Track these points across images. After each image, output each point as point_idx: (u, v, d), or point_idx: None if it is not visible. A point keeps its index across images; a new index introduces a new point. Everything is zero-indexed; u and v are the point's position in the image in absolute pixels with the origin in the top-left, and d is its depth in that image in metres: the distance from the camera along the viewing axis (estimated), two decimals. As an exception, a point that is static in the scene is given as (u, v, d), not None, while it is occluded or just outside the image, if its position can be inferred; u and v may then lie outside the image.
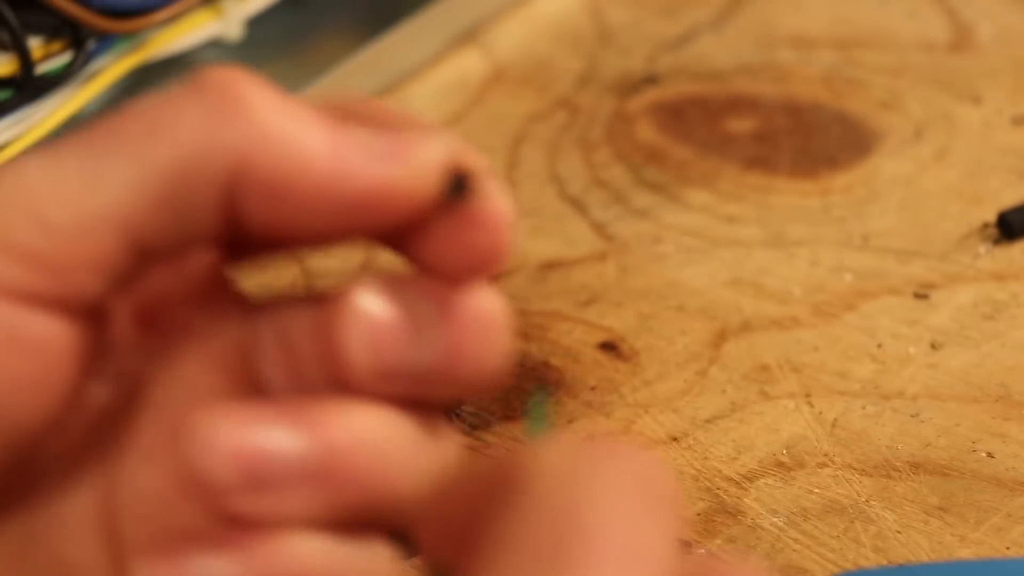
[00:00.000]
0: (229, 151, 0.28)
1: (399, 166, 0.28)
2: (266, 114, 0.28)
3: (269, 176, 0.28)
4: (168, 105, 0.28)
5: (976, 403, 0.45)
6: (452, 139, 0.29)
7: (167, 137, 0.28)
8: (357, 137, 0.28)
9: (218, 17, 0.56)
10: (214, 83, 0.28)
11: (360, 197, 0.28)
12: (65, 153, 0.28)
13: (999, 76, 0.58)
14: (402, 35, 0.60)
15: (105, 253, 0.28)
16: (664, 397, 0.45)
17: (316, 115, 0.28)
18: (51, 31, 0.52)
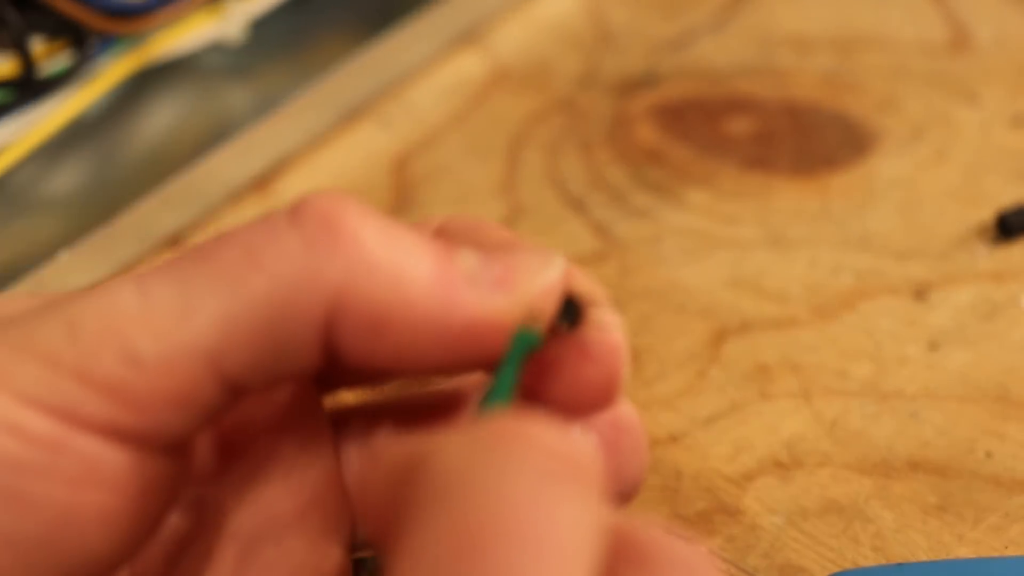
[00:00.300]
0: (330, 285, 0.27)
1: (507, 295, 0.27)
2: (369, 244, 0.27)
3: (371, 309, 0.27)
4: (267, 233, 0.27)
5: (974, 403, 0.45)
6: (563, 262, 0.28)
7: (265, 269, 0.27)
8: (463, 263, 0.27)
9: (220, 18, 0.56)
10: (315, 211, 0.27)
11: (466, 329, 0.27)
12: (159, 280, 0.27)
13: (998, 77, 0.58)
14: (402, 35, 0.60)
15: (194, 388, 0.27)
16: (663, 397, 0.46)
17: (421, 241, 0.27)
18: (52, 32, 0.52)
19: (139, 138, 0.55)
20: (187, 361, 0.26)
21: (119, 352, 0.26)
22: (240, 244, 0.27)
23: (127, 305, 0.26)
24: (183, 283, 0.27)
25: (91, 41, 0.52)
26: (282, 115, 0.56)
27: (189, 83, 0.56)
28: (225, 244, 0.27)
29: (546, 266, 0.28)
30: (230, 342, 0.26)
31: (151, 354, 0.26)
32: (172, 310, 0.26)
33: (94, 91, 0.53)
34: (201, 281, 0.26)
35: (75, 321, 0.26)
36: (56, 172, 0.52)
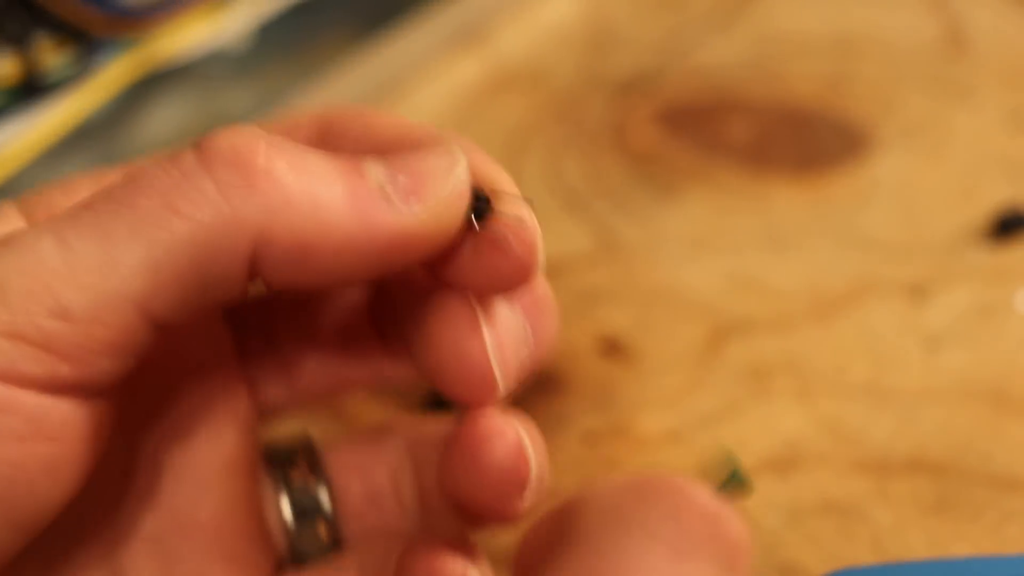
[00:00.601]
0: (250, 225, 0.27)
1: (421, 204, 0.28)
2: (282, 179, 0.27)
3: (293, 242, 0.27)
4: (180, 178, 0.27)
5: (972, 402, 0.45)
6: (464, 159, 0.29)
7: (184, 215, 0.27)
8: (373, 179, 0.28)
9: (222, 21, 0.56)
10: (225, 151, 0.27)
11: (386, 244, 0.28)
12: (79, 232, 0.27)
13: (994, 78, 0.58)
14: (402, 36, 0.60)
15: (126, 334, 0.27)
16: (663, 396, 0.46)
17: (331, 164, 0.28)
18: (56, 35, 0.52)
19: (141, 139, 0.55)
20: (116, 309, 0.27)
21: (49, 308, 0.27)
22: (156, 191, 0.27)
23: (51, 260, 0.27)
24: (104, 234, 0.27)
25: (94, 44, 0.52)
26: (283, 115, 0.56)
27: (191, 85, 0.56)
28: (140, 192, 0.27)
29: (452, 167, 0.29)
30: (156, 287, 0.27)
31: (80, 306, 0.27)
32: (96, 262, 0.27)
33: (97, 94, 0.53)
34: (122, 232, 0.27)
35: (1, 281, 0.27)
36: (59, 172, 0.53)
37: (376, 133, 0.31)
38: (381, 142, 0.30)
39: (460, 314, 0.30)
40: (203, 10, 0.56)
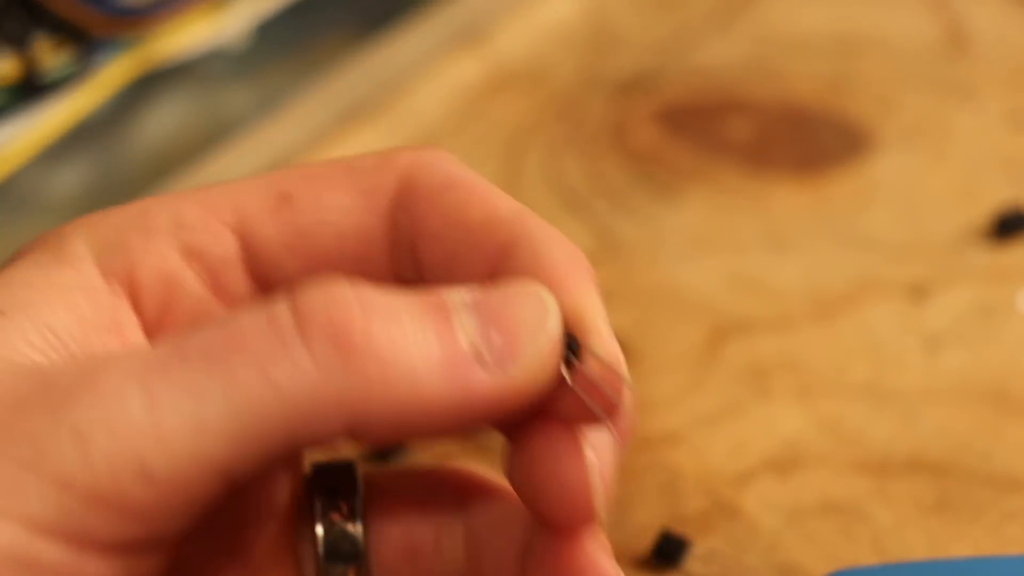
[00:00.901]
0: (344, 403, 0.27)
1: (515, 366, 0.28)
2: (378, 356, 0.27)
3: (387, 415, 0.27)
4: (277, 344, 0.27)
5: (973, 402, 0.45)
6: (556, 306, 0.29)
7: (279, 387, 0.26)
8: (465, 337, 0.28)
9: (221, 21, 0.56)
10: (322, 325, 0.27)
11: (482, 407, 0.28)
12: (170, 389, 0.26)
13: (995, 78, 0.58)
14: (402, 36, 0.60)
15: (203, 495, 0.27)
16: (662, 396, 0.46)
17: (422, 320, 0.28)
18: (55, 34, 0.52)
19: (141, 139, 0.55)
20: (199, 474, 0.26)
21: (133, 471, 0.26)
22: (253, 356, 0.27)
23: (138, 418, 0.26)
24: (195, 395, 0.26)
25: (94, 43, 0.52)
26: (283, 116, 0.56)
27: (190, 84, 0.56)
28: (236, 352, 0.27)
29: (544, 320, 0.28)
30: (243, 453, 0.27)
31: (163, 470, 0.26)
32: (184, 425, 0.26)
33: (96, 93, 0.53)
34: (215, 395, 0.26)
35: (84, 435, 0.26)
36: (59, 173, 0.53)
37: (465, 219, 0.31)
38: (468, 231, 0.30)
39: (561, 437, 0.29)
40: (203, 10, 0.56)
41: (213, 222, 0.32)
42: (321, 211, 0.32)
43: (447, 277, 0.31)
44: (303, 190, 0.32)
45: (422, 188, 0.31)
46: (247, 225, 0.32)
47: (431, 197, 0.31)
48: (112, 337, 0.30)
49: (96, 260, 0.31)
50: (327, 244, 0.32)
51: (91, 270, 0.31)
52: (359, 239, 0.32)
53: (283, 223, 0.32)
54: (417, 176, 0.32)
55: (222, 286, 0.32)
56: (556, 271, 0.30)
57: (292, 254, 0.32)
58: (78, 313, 0.30)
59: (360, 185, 0.32)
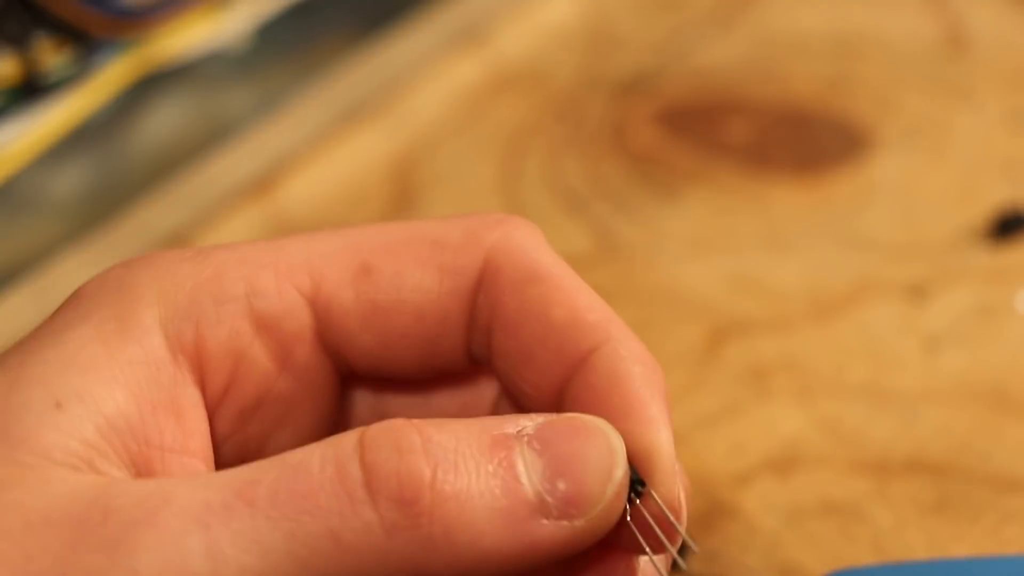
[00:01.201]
0: (409, 563, 0.27)
1: (581, 520, 0.28)
2: (444, 519, 0.27)
3: (454, 571, 0.27)
4: (348, 505, 0.26)
5: (972, 403, 0.45)
6: (621, 446, 0.28)
7: (347, 549, 0.26)
8: (531, 488, 0.27)
9: (222, 22, 0.56)
10: (391, 486, 0.27)
11: (545, 556, 0.28)
12: (232, 539, 0.26)
13: (994, 78, 0.59)
14: (402, 36, 0.60)
15: None
16: (663, 397, 0.46)
17: (487, 471, 0.27)
18: (55, 35, 0.52)
19: (141, 139, 0.55)
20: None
21: None
22: (320, 511, 0.26)
23: (198, 566, 0.26)
24: (259, 546, 0.26)
25: (94, 44, 0.52)
26: (283, 116, 0.56)
27: (190, 85, 0.56)
28: (303, 506, 0.26)
29: (612, 468, 0.28)
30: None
31: None
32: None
33: (97, 94, 0.53)
34: (279, 550, 0.26)
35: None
36: (59, 173, 0.53)
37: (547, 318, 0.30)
38: (549, 331, 0.30)
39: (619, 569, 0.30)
40: (203, 10, 0.56)
41: (289, 290, 0.31)
42: (402, 289, 0.31)
43: (518, 370, 0.31)
44: (385, 263, 0.31)
45: (506, 275, 0.31)
46: (324, 296, 0.31)
47: (515, 287, 0.31)
48: (171, 420, 0.30)
49: (164, 331, 0.30)
50: (405, 322, 0.31)
51: (157, 342, 0.30)
52: (437, 319, 0.31)
53: (362, 297, 0.31)
54: (503, 261, 0.31)
55: (292, 359, 0.32)
56: (634, 396, 0.30)
57: (367, 329, 0.31)
58: (137, 394, 0.29)
59: (443, 264, 0.31)
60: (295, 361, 0.32)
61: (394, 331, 0.31)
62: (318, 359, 0.32)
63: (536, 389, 0.31)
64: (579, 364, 0.30)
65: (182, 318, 0.30)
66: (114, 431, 0.28)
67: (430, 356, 0.32)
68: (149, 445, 0.29)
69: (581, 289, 0.31)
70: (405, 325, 0.31)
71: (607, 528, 0.28)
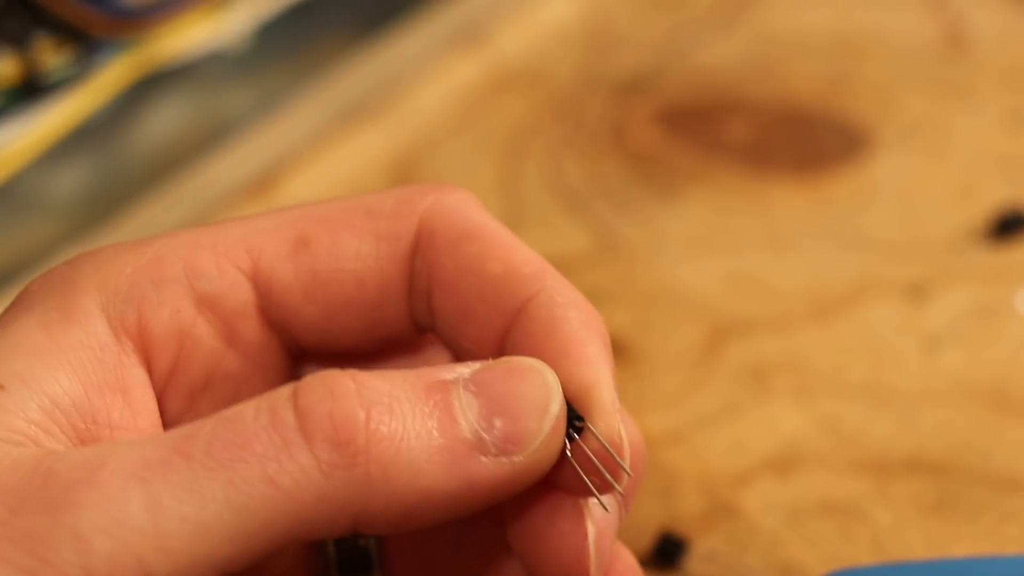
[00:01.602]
0: (348, 504, 0.27)
1: (519, 455, 0.28)
2: (381, 457, 0.27)
3: (391, 512, 0.27)
4: (282, 449, 0.27)
5: (972, 402, 0.45)
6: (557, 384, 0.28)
7: (282, 489, 0.26)
8: (468, 427, 0.27)
9: (222, 22, 0.56)
10: (324, 427, 0.27)
11: (486, 494, 0.28)
12: (171, 490, 0.26)
13: (994, 78, 0.59)
14: (402, 36, 0.60)
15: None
16: (663, 396, 0.46)
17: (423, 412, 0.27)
18: (55, 35, 0.52)
19: (141, 139, 0.55)
20: (198, 572, 0.26)
21: (132, 574, 0.26)
22: (256, 457, 0.26)
23: (138, 520, 0.26)
24: (197, 497, 0.26)
25: (94, 44, 0.52)
26: (283, 115, 0.56)
27: (190, 85, 0.56)
28: (239, 453, 0.26)
29: (548, 403, 0.28)
30: (243, 552, 0.26)
31: (164, 573, 0.26)
32: (185, 527, 0.26)
33: (97, 94, 0.53)
34: (216, 497, 0.26)
35: (84, 538, 0.26)
36: (59, 173, 0.53)
37: (484, 274, 0.30)
38: (485, 286, 0.30)
39: (563, 507, 0.30)
40: (203, 10, 0.56)
41: (228, 268, 0.31)
42: (340, 258, 0.31)
43: (460, 328, 0.31)
44: (321, 234, 0.32)
45: (440, 236, 0.31)
46: (263, 271, 0.31)
47: (449, 246, 0.31)
48: (118, 398, 0.30)
49: (106, 316, 0.30)
50: (345, 291, 0.32)
51: (100, 327, 0.30)
52: (377, 286, 0.32)
53: (301, 269, 0.31)
54: (436, 223, 0.31)
55: (237, 335, 0.32)
56: (570, 339, 0.29)
57: (309, 300, 0.32)
58: (82, 376, 0.29)
59: (379, 230, 0.31)
60: (241, 338, 0.32)
61: (336, 301, 0.32)
62: (265, 335, 0.32)
63: (477, 345, 0.31)
64: (516, 314, 0.30)
65: (123, 302, 0.30)
66: (59, 409, 0.29)
67: (375, 325, 0.32)
68: (97, 423, 0.29)
69: (515, 244, 0.31)
70: (346, 294, 0.32)
71: (547, 465, 0.28)
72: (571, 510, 0.29)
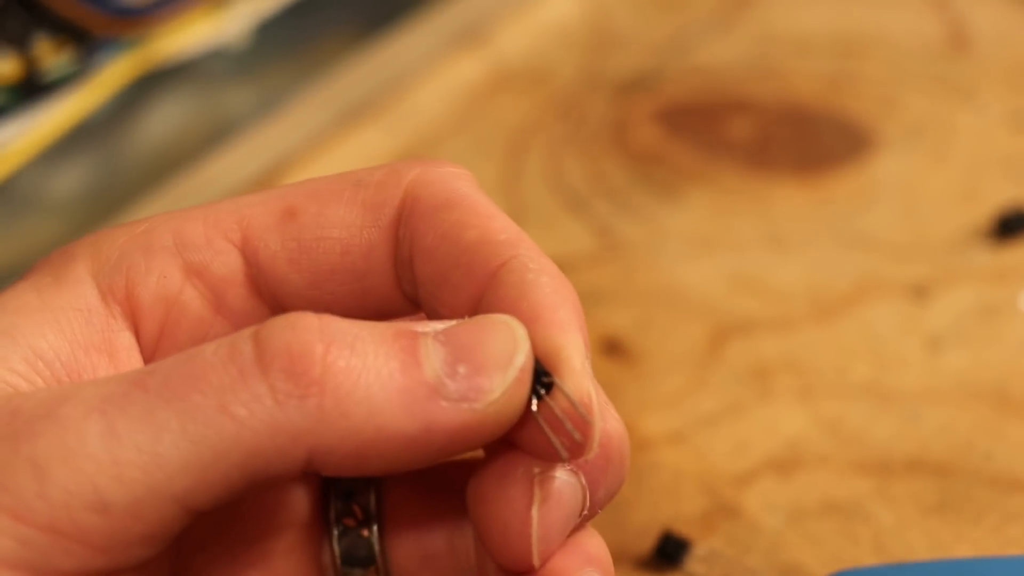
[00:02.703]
0: (302, 436, 0.27)
1: (479, 401, 0.28)
2: (337, 390, 0.27)
3: (347, 449, 0.27)
4: (236, 377, 0.27)
5: (974, 403, 0.45)
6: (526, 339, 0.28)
7: (237, 419, 0.27)
8: (431, 368, 0.27)
9: (222, 21, 0.56)
10: (281, 357, 0.27)
11: (444, 440, 0.27)
12: (128, 421, 0.27)
13: (996, 77, 0.58)
14: (402, 35, 0.60)
15: (162, 527, 0.27)
16: (664, 397, 0.46)
17: (386, 353, 0.27)
18: (55, 34, 0.52)
19: (141, 139, 0.55)
20: (157, 506, 0.27)
21: (88, 502, 0.26)
22: (212, 388, 0.27)
23: (95, 449, 0.26)
24: (153, 426, 0.26)
25: (94, 43, 0.52)
26: (283, 115, 0.56)
27: (191, 84, 0.56)
28: (196, 384, 0.27)
29: (514, 354, 0.28)
30: (201, 485, 0.27)
31: (120, 502, 0.26)
32: (141, 457, 0.26)
33: (97, 93, 0.53)
34: (172, 427, 0.26)
35: (42, 467, 0.26)
36: (59, 172, 0.53)
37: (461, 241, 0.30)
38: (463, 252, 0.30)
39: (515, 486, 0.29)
40: (203, 9, 0.56)
41: (217, 239, 0.32)
42: (325, 226, 0.32)
43: (437, 295, 0.31)
44: (308, 205, 0.32)
45: (422, 204, 0.31)
46: (251, 241, 0.32)
47: (430, 214, 0.31)
48: (103, 358, 0.30)
49: (96, 281, 0.31)
50: (332, 259, 0.32)
51: (90, 291, 0.31)
52: (363, 254, 0.32)
53: (288, 238, 0.32)
54: (420, 192, 0.31)
55: (225, 304, 0.32)
56: (541, 303, 0.29)
57: (297, 269, 0.32)
58: (69, 335, 0.30)
59: (365, 200, 0.32)
60: (229, 306, 0.32)
61: (321, 268, 0.32)
62: (253, 304, 0.32)
63: (452, 310, 0.31)
64: (490, 282, 0.30)
65: (112, 269, 0.31)
66: (43, 362, 0.29)
67: (362, 294, 0.32)
68: (82, 379, 0.30)
69: (495, 215, 0.31)
70: (332, 262, 0.32)
71: (509, 417, 0.28)
72: (522, 475, 0.29)
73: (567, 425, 0.28)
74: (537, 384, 0.28)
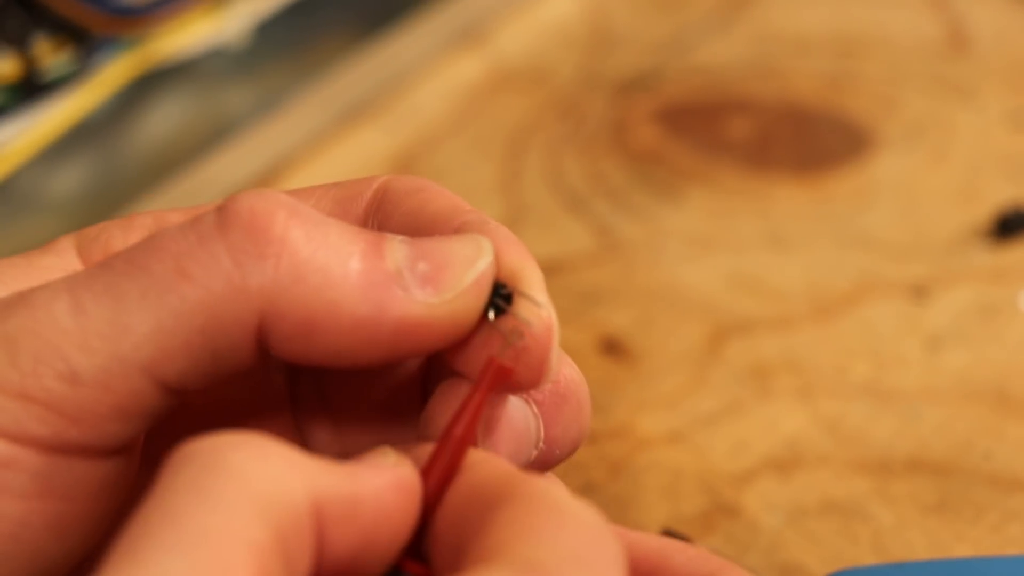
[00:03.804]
0: (259, 294, 0.27)
1: (435, 293, 0.28)
2: (296, 248, 0.27)
3: (300, 314, 0.27)
4: (196, 240, 0.27)
5: (973, 402, 0.45)
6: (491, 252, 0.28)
7: (195, 280, 0.27)
8: (392, 259, 0.28)
9: (221, 20, 0.56)
10: (242, 215, 0.27)
11: (396, 328, 0.28)
12: (94, 294, 0.27)
13: (996, 77, 0.59)
14: (402, 35, 0.60)
15: (133, 398, 0.27)
16: (664, 396, 0.46)
17: (351, 236, 0.28)
18: (55, 34, 0.52)
19: (141, 138, 0.55)
20: (124, 375, 0.27)
21: (58, 371, 0.27)
22: (170, 254, 0.27)
23: (63, 321, 0.27)
24: (117, 297, 0.27)
25: (94, 43, 0.52)
26: (283, 115, 0.56)
27: (190, 84, 0.56)
28: (155, 254, 0.27)
29: (475, 259, 0.28)
30: (165, 353, 0.27)
31: (88, 371, 0.27)
32: (106, 326, 0.27)
33: (97, 93, 0.53)
34: (134, 295, 0.27)
35: (13, 339, 0.27)
36: (59, 171, 0.53)
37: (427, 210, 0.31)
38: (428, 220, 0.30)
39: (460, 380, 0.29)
40: (203, 9, 0.56)
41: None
42: None
43: None
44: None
45: (393, 192, 0.32)
46: None
47: (400, 197, 0.31)
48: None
49: (78, 251, 0.31)
50: None
51: (72, 258, 0.31)
52: None
53: None
54: (392, 184, 0.32)
55: None
56: (503, 238, 0.30)
57: None
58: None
59: (337, 195, 0.32)
60: None
61: None
62: None
63: None
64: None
65: (92, 240, 0.32)
66: None
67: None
68: None
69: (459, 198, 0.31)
70: None
71: (464, 320, 0.28)
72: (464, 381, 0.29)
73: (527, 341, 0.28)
74: (496, 297, 0.29)
